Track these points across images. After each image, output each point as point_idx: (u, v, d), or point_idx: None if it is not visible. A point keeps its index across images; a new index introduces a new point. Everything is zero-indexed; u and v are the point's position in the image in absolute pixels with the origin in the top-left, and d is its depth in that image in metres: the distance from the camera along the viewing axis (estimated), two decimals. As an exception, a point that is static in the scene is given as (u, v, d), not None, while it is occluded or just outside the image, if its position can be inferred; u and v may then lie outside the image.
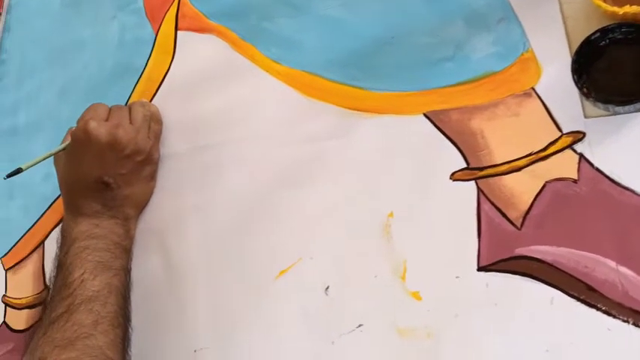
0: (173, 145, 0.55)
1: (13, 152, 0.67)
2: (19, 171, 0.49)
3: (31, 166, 0.51)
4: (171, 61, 0.59)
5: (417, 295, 0.40)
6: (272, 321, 0.44)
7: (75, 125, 0.52)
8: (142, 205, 0.53)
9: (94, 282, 0.45)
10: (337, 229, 0.44)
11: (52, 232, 0.58)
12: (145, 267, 0.52)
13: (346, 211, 0.44)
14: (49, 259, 0.58)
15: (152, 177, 0.53)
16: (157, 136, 0.54)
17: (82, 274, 0.46)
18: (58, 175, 0.54)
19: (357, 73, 0.47)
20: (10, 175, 0.50)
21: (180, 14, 0.59)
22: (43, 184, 0.61)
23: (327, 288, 0.43)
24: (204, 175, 0.52)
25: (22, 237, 0.61)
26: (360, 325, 0.41)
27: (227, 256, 0.48)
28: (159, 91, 0.58)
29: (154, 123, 0.54)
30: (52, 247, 0.58)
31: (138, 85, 0.60)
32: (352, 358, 0.40)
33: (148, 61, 0.60)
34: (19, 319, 0.58)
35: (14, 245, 0.61)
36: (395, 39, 0.46)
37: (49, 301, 0.46)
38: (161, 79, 0.59)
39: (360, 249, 0.42)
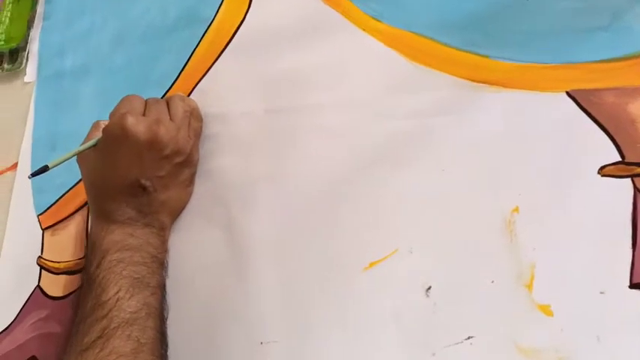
0: (243, 105, 0.49)
1: (57, 97, 0.62)
2: (45, 169, 0.43)
3: (58, 164, 0.44)
4: (247, 11, 0.52)
5: (546, 310, 0.34)
6: (356, 320, 0.39)
7: (96, 120, 0.49)
8: (177, 213, 0.48)
9: (131, 302, 0.40)
10: (446, 220, 0.38)
11: (100, 193, 0.53)
12: (204, 241, 0.46)
13: (459, 200, 0.38)
14: (94, 222, 0.53)
15: (190, 181, 0.48)
16: (198, 135, 0.49)
17: (117, 292, 0.40)
18: (84, 175, 0.48)
19: (479, 39, 0.40)
20: (35, 174, 0.43)
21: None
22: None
23: (429, 289, 0.37)
24: (280, 143, 0.46)
25: (64, 195, 0.56)
26: (469, 337, 0.35)
27: (304, 237, 0.42)
28: (230, 45, 0.52)
29: (194, 120, 0.48)
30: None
31: (205, 36, 0.54)
32: (457, 375, 0.35)
33: (218, 10, 0.54)
34: (56, 285, 0.53)
35: (54, 203, 0.56)
36: (531, 0, 0.39)
37: (79, 322, 0.40)
38: (233, 31, 0.52)
39: (474, 247, 0.36)
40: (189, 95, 0.53)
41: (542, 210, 0.35)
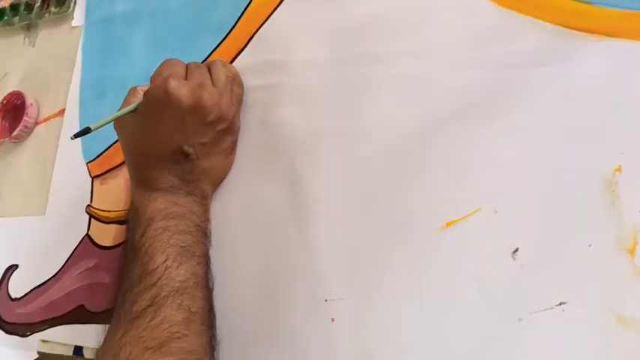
0: (309, 53, 0.47)
1: (106, 43, 0.60)
2: (87, 131, 0.42)
3: (101, 126, 0.43)
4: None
5: (652, 277, 0.31)
6: (432, 282, 0.37)
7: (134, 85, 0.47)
8: (218, 182, 0.47)
9: (179, 271, 0.40)
10: (537, 178, 0.35)
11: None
12: (264, 197, 0.45)
13: (553, 157, 0.35)
14: (147, 171, 0.52)
15: (232, 150, 0.47)
16: (240, 102, 0.47)
17: (165, 260, 0.40)
18: (122, 143, 0.47)
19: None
20: (77, 136, 0.42)
21: None
22: (144, 83, 0.54)
23: (516, 251, 0.35)
24: (349, 94, 0.44)
25: (114, 143, 0.54)
26: (561, 304, 0.33)
27: (373, 193, 0.40)
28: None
29: (236, 86, 0.47)
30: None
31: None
32: (547, 342, 0.33)
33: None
34: (106, 235, 0.52)
35: (104, 151, 0.55)
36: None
37: (125, 290, 0.40)
38: (298, -27, 0.50)
39: (570, 208, 0.34)
40: (248, 42, 0.51)
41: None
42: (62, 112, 0.60)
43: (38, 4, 0.66)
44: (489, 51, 0.39)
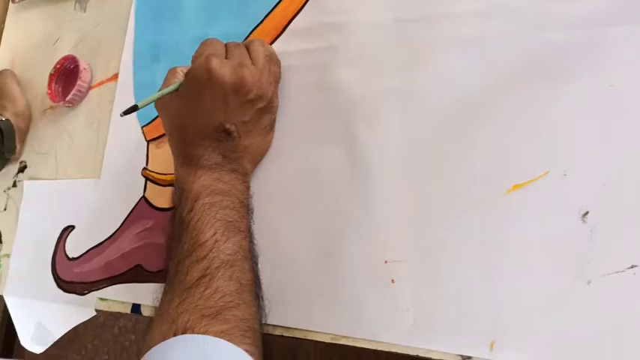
0: (367, 14, 0.47)
1: (158, 7, 0.61)
2: (135, 109, 0.44)
3: (145, 105, 0.45)
4: None
5: None
6: (498, 245, 0.37)
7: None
8: (258, 160, 0.48)
9: (228, 244, 0.42)
10: (609, 140, 0.35)
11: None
12: (323, 159, 0.45)
13: (628, 119, 0.35)
14: (203, 135, 0.53)
15: (271, 128, 0.48)
16: (277, 81, 0.49)
17: (214, 234, 0.41)
18: (165, 122, 0.48)
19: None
20: (126, 113, 0.44)
21: None
22: (196, 47, 0.55)
23: (586, 214, 0.35)
24: (412, 55, 0.44)
25: (169, 106, 0.56)
26: (632, 267, 0.33)
27: (436, 156, 0.41)
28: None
29: (274, 65, 0.48)
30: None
31: None
32: (617, 304, 0.33)
33: None
34: (162, 197, 0.54)
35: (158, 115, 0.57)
36: None
37: (177, 262, 0.41)
38: None
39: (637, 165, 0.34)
40: (304, 5, 0.51)
41: None
42: (115, 76, 0.62)
43: (89, -31, 0.68)
44: (561, 9, 0.38)
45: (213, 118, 0.44)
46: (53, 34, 0.70)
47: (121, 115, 0.45)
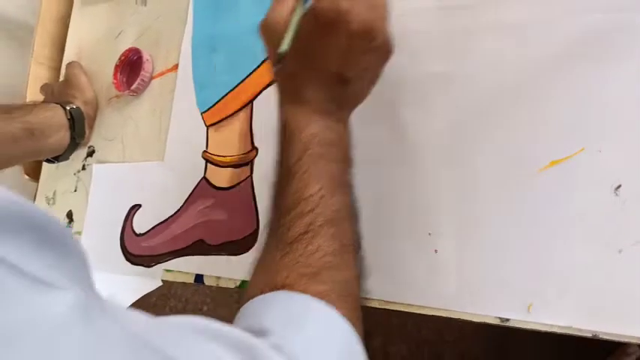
0: (414, 1, 0.51)
1: (215, 2, 0.66)
2: (283, 55, 0.41)
3: (289, 43, 0.41)
4: None
5: None
6: (535, 218, 0.41)
7: None
8: (353, 110, 0.46)
9: (332, 200, 0.40)
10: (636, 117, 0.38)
11: (265, 92, 0.58)
12: (370, 137, 0.50)
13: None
14: (259, 120, 0.58)
15: (374, 83, 0.45)
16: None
17: (320, 189, 0.40)
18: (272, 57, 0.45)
19: None
20: (279, 61, 0.42)
21: None
22: (253, 37, 0.60)
23: (618, 187, 0.38)
24: (456, 40, 0.47)
25: (227, 94, 0.61)
26: (661, 237, 0.36)
27: (479, 135, 0.44)
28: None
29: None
30: (262, 107, 0.58)
31: None
32: (646, 271, 0.36)
33: None
34: (222, 177, 0.59)
35: (217, 101, 0.62)
36: None
37: (281, 215, 0.40)
38: None
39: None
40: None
41: None
42: (175, 67, 0.68)
43: (149, -34, 0.74)
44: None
45: (334, 63, 0.41)
46: (116, 28, 0.76)
47: (275, 67, 0.43)
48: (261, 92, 0.58)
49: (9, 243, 0.20)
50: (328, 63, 0.41)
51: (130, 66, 0.71)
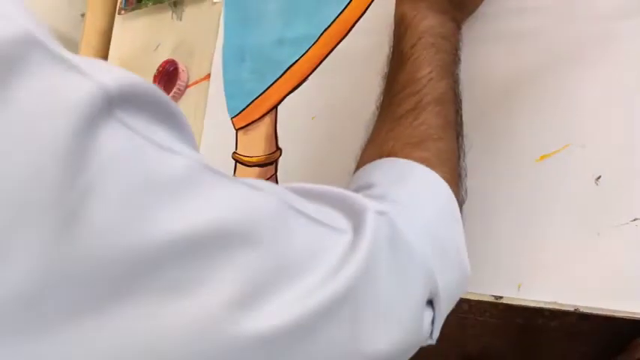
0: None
1: (243, 15, 0.72)
2: None
3: None
4: None
5: None
6: (528, 204, 0.46)
7: None
8: (468, 15, 0.51)
9: (440, 83, 0.44)
10: (620, 118, 0.43)
11: (288, 98, 0.64)
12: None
13: (634, 100, 0.43)
14: (282, 124, 0.65)
15: None
16: None
17: (430, 72, 0.44)
18: None
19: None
20: None
21: None
22: (277, 49, 0.67)
23: (599, 178, 0.43)
24: (466, 47, 0.53)
25: (254, 100, 0.68)
26: (635, 219, 0.41)
27: (482, 131, 0.49)
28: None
29: None
30: (286, 111, 0.65)
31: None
32: (620, 251, 0.41)
33: None
34: (249, 176, 0.66)
35: (245, 107, 0.69)
36: None
37: (393, 95, 0.45)
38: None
39: (646, 141, 0.42)
40: (370, 5, 0.61)
41: None
42: (208, 76, 0.75)
43: (183, -16, 0.81)
44: (579, 5, 0.46)
45: None
46: (154, 41, 0.84)
47: None
48: (284, 98, 0.65)
49: (139, 116, 0.24)
50: None
51: (167, 76, 0.79)
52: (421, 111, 0.43)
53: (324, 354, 0.28)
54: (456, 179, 0.42)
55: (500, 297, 0.45)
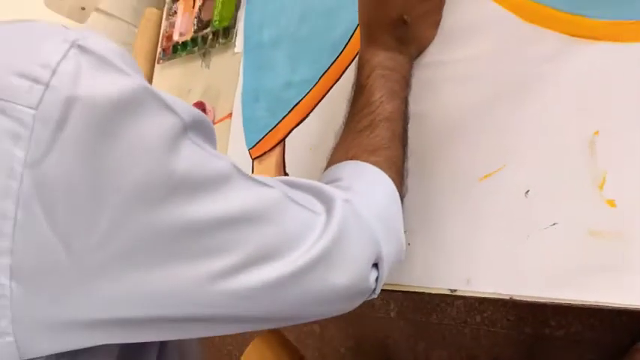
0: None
1: (258, 63, 0.87)
2: None
3: None
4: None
5: (612, 203, 0.48)
6: (474, 214, 0.57)
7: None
8: (422, 49, 0.65)
9: (389, 105, 0.58)
10: (545, 142, 0.54)
11: (294, 131, 0.77)
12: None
13: (556, 128, 0.53)
14: (290, 153, 0.78)
15: (437, 25, 0.64)
16: None
17: (381, 97, 0.58)
18: (360, 9, 0.64)
19: (583, 2, 0.54)
20: None
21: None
22: (285, 90, 0.80)
23: (527, 192, 0.54)
24: (422, 88, 0.65)
25: (267, 134, 0.81)
26: (554, 224, 0.51)
27: (437, 154, 0.61)
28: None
29: None
30: (292, 143, 0.78)
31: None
32: (545, 250, 0.51)
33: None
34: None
35: (260, 140, 0.82)
36: (623, -30, 0.52)
37: (352, 115, 0.60)
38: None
39: (565, 160, 0.52)
40: (353, 59, 0.73)
41: (618, 133, 0.49)
42: (230, 115, 0.89)
43: (210, 37, 0.96)
44: (514, 53, 0.57)
45: (395, 10, 0.59)
46: (186, 86, 0.99)
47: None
48: (290, 132, 0.78)
49: (199, 136, 0.38)
50: (391, 10, 0.60)
51: (197, 115, 0.93)
52: (375, 127, 0.57)
53: (309, 288, 0.43)
54: (399, 178, 0.57)
55: (455, 290, 0.56)
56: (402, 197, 0.56)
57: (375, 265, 0.49)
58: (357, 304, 0.50)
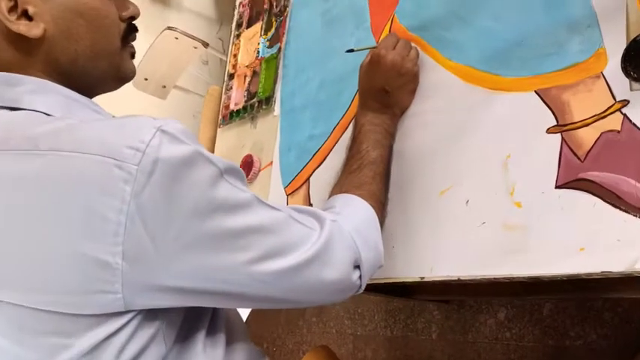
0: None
1: (291, 122, 1.13)
2: (351, 50, 0.92)
3: (357, 50, 0.92)
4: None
5: (519, 205, 0.69)
6: (435, 219, 0.78)
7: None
8: (405, 109, 0.88)
9: (373, 153, 0.80)
10: (476, 165, 0.76)
11: (315, 172, 1.03)
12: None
13: (482, 153, 0.75)
14: (314, 190, 1.02)
15: (413, 92, 0.88)
16: (416, 65, 0.88)
17: (367, 146, 0.81)
18: (359, 80, 0.89)
19: (498, 65, 0.77)
20: (348, 51, 0.93)
21: (391, 29, 0.96)
22: (309, 142, 1.06)
23: (468, 201, 0.75)
24: (401, 133, 0.88)
25: (297, 175, 1.07)
26: (483, 223, 0.72)
27: (411, 180, 0.84)
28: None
29: (415, 55, 0.89)
30: (316, 181, 1.03)
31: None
32: (482, 244, 0.72)
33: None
34: (295, 223, 1.03)
35: (292, 180, 1.07)
36: (523, 41, 0.75)
37: (348, 159, 0.82)
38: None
39: (487, 177, 0.74)
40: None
41: (521, 154, 0.71)
42: (271, 163, 1.15)
43: (257, 104, 1.24)
44: (458, 103, 0.80)
45: (379, 82, 0.84)
46: (240, 143, 1.27)
47: (346, 52, 0.93)
48: (313, 172, 1.03)
49: (232, 178, 0.57)
50: (377, 82, 0.85)
51: (248, 165, 1.20)
52: (362, 168, 0.79)
53: (308, 279, 0.62)
54: (379, 205, 0.77)
55: (423, 277, 0.77)
56: (383, 219, 0.77)
57: (358, 267, 0.67)
58: (348, 297, 0.70)
